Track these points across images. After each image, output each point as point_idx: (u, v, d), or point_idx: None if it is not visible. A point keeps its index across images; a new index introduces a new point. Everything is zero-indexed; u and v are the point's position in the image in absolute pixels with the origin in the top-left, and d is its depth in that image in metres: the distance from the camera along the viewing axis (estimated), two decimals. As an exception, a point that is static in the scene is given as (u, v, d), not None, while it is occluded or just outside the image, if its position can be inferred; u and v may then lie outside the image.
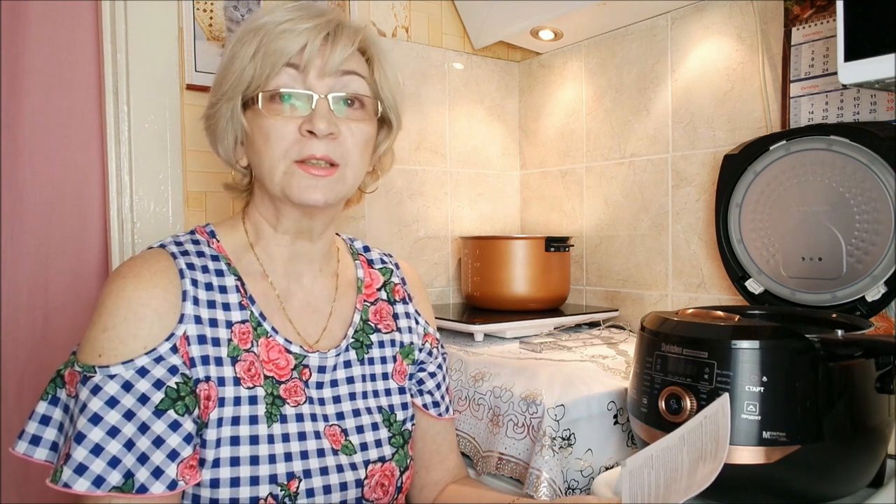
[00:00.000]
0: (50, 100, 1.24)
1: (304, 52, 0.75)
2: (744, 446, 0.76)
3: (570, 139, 1.70)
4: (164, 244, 0.78)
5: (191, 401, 0.70)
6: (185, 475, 0.68)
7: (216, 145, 0.82)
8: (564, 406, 1.01)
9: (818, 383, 0.77)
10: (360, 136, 0.79)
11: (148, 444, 0.67)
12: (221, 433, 0.72)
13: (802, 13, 1.19)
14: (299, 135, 0.75)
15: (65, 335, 1.25)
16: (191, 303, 0.73)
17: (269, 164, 0.76)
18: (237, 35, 0.78)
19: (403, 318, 0.94)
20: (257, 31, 0.76)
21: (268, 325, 0.79)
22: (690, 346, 0.81)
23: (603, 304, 1.61)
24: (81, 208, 1.27)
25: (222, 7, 1.35)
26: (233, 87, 0.77)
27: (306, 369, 0.81)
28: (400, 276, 0.97)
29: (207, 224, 0.84)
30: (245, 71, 0.76)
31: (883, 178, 1.01)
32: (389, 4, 1.60)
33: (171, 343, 0.70)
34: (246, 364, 0.75)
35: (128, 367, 0.68)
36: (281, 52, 0.74)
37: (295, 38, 0.74)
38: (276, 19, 0.76)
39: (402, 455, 0.85)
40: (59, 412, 0.71)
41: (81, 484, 0.64)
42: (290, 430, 0.76)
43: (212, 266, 0.78)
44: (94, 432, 0.65)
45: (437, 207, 1.71)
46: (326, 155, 0.75)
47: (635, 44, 1.52)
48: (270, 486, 0.72)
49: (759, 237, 1.17)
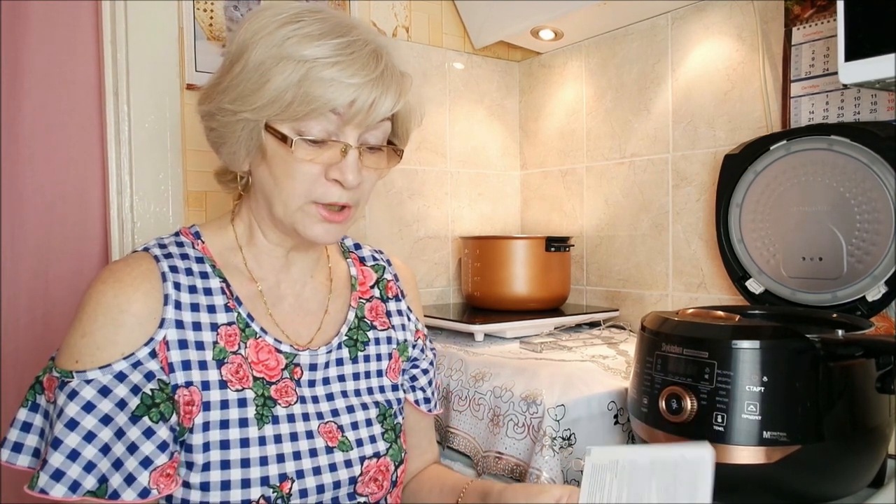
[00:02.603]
0: (50, 100, 1.23)
1: (352, 106, 0.71)
2: (744, 446, 0.76)
3: (570, 139, 1.70)
4: (147, 247, 0.77)
5: (167, 408, 0.70)
6: (160, 483, 0.67)
7: (219, 146, 0.79)
8: (565, 406, 1.01)
9: (819, 383, 0.77)
10: (375, 179, 0.79)
11: (123, 450, 0.66)
12: (209, 437, 0.71)
13: (803, 13, 1.19)
14: (324, 178, 0.74)
15: (65, 335, 1.25)
16: (172, 307, 0.73)
17: (286, 196, 0.75)
18: (267, 50, 0.71)
19: (396, 316, 0.94)
20: (300, 62, 0.70)
21: (256, 326, 0.78)
22: (691, 346, 0.81)
23: (603, 304, 1.60)
24: (81, 208, 1.27)
25: (222, 7, 1.35)
26: (262, 107, 0.72)
27: (297, 368, 0.80)
28: (392, 272, 0.97)
29: (193, 225, 0.83)
30: (282, 98, 0.71)
31: (883, 178, 1.01)
32: (390, 4, 1.60)
33: (150, 348, 0.70)
34: (233, 367, 0.75)
35: (105, 372, 0.67)
36: (327, 102, 0.71)
37: (344, 90, 0.70)
38: (323, 57, 0.70)
39: (396, 449, 0.85)
40: (39, 418, 0.71)
41: (58, 490, 0.64)
42: (283, 430, 0.76)
43: (196, 268, 0.77)
44: (70, 437, 0.65)
45: (438, 207, 1.70)
46: (347, 202, 0.76)
47: (636, 44, 1.52)
48: (262, 488, 0.72)
49: (760, 237, 1.17)
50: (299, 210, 0.75)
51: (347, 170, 0.73)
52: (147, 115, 1.28)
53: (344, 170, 0.73)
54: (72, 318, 0.71)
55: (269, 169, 0.75)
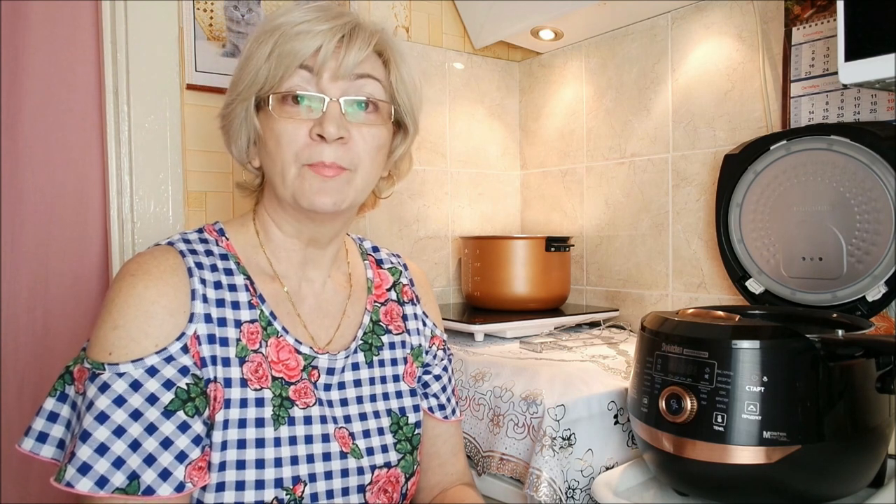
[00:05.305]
0: (50, 100, 1.23)
1: (318, 54, 0.73)
2: (744, 446, 0.76)
3: (570, 139, 1.70)
4: (172, 241, 0.77)
5: (201, 402, 0.70)
6: (193, 477, 0.67)
7: (230, 145, 0.81)
8: (565, 406, 1.01)
9: (819, 383, 0.77)
10: (371, 142, 0.77)
11: (156, 445, 0.66)
12: (227, 436, 0.71)
13: (803, 13, 1.19)
14: (310, 139, 0.74)
15: (65, 335, 1.25)
16: (200, 301, 0.72)
17: (281, 167, 0.75)
18: (254, 34, 0.77)
19: (412, 320, 0.93)
20: (273, 31, 0.74)
21: (278, 325, 0.78)
22: (691, 346, 0.81)
23: (603, 303, 1.60)
24: (81, 208, 1.27)
25: (222, 7, 1.35)
26: (247, 87, 0.75)
27: (315, 371, 0.80)
28: (408, 276, 0.96)
29: (217, 222, 0.83)
30: (259, 71, 0.74)
31: (883, 177, 1.01)
32: (390, 4, 1.60)
33: (182, 343, 0.70)
34: (253, 365, 0.74)
35: (137, 366, 0.67)
36: (295, 54, 0.73)
37: (310, 39, 0.73)
38: (293, 20, 0.74)
39: (408, 462, 0.84)
40: (66, 409, 0.71)
41: (84, 484, 0.63)
42: (298, 432, 0.75)
43: (220, 265, 0.77)
44: (99, 431, 0.65)
45: (438, 207, 1.70)
46: (335, 161, 0.74)
47: (636, 44, 1.52)
48: (276, 490, 0.71)
49: (760, 237, 1.17)
50: (295, 178, 0.75)
51: (326, 121, 0.73)
52: (147, 115, 1.28)
53: (323, 122, 0.73)
54: (100, 311, 0.71)
55: (265, 147, 0.77)
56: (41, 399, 0.73)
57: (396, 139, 0.85)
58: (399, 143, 0.85)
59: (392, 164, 0.87)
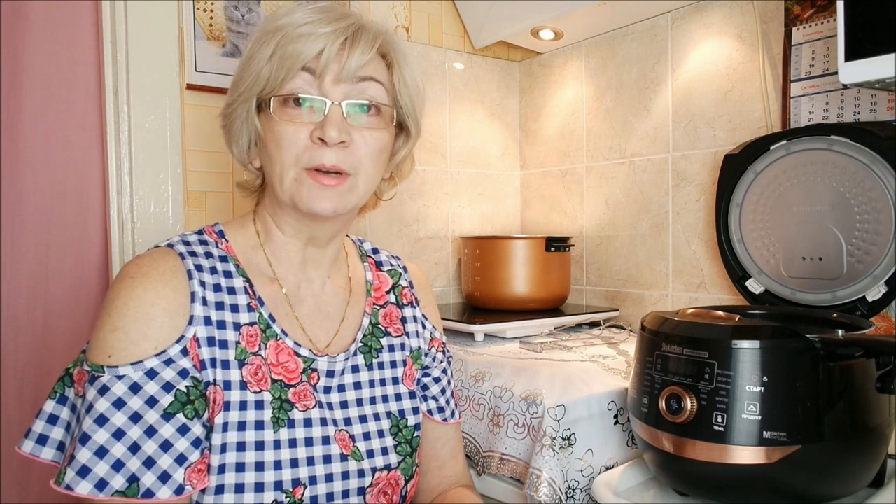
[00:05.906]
0: (50, 100, 1.23)
1: (320, 57, 0.73)
2: (744, 446, 0.76)
3: (570, 139, 1.70)
4: (171, 244, 0.76)
5: (200, 405, 0.70)
6: (193, 479, 0.67)
7: (231, 145, 0.81)
8: (565, 406, 1.01)
9: (819, 383, 0.77)
10: (373, 145, 0.77)
11: (155, 448, 0.66)
12: (227, 438, 0.71)
13: (803, 13, 1.19)
14: (310, 142, 0.73)
15: (65, 335, 1.25)
16: (200, 304, 0.72)
17: (280, 169, 0.75)
18: (256, 34, 0.76)
19: (411, 323, 0.93)
20: (276, 32, 0.74)
21: (277, 328, 0.78)
22: (691, 346, 0.81)
23: (603, 304, 1.60)
24: (81, 208, 1.27)
25: (222, 7, 1.35)
26: (248, 88, 0.75)
27: (314, 373, 0.79)
28: (408, 279, 0.96)
29: (216, 223, 0.83)
30: (261, 73, 0.74)
31: (883, 177, 1.01)
32: (389, 4, 1.60)
33: (182, 345, 0.70)
34: (253, 368, 0.74)
35: (136, 369, 0.67)
36: (297, 56, 0.73)
37: (312, 42, 0.73)
38: (296, 21, 0.74)
39: (408, 464, 0.84)
40: (66, 411, 0.71)
41: (84, 486, 0.63)
42: (298, 435, 0.75)
43: (220, 267, 0.77)
44: (98, 434, 0.65)
45: (438, 207, 1.70)
46: (336, 165, 0.74)
47: (635, 44, 1.52)
48: (275, 492, 0.71)
49: (760, 237, 1.17)
50: (295, 181, 0.75)
51: (328, 124, 0.73)
52: (147, 115, 1.28)
53: (325, 126, 0.73)
54: (99, 314, 0.71)
55: (266, 149, 0.77)
56: (41, 400, 0.73)
57: (398, 141, 0.84)
58: (401, 146, 0.85)
59: (394, 166, 0.86)
